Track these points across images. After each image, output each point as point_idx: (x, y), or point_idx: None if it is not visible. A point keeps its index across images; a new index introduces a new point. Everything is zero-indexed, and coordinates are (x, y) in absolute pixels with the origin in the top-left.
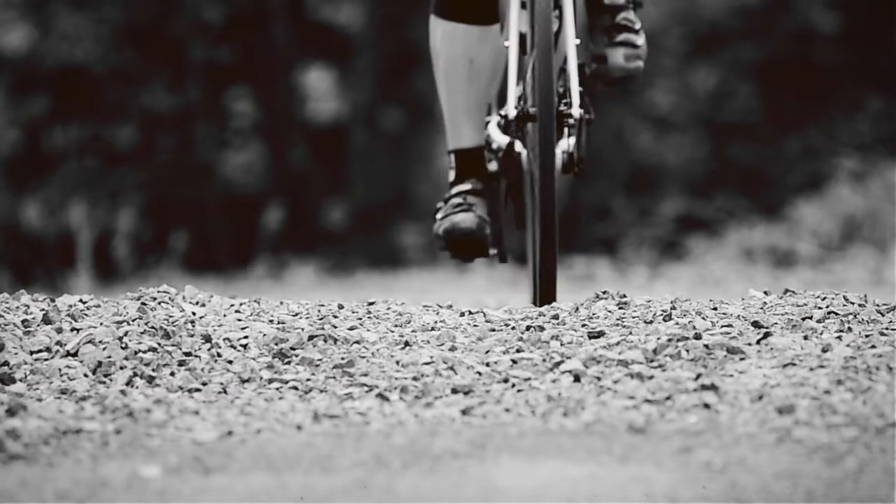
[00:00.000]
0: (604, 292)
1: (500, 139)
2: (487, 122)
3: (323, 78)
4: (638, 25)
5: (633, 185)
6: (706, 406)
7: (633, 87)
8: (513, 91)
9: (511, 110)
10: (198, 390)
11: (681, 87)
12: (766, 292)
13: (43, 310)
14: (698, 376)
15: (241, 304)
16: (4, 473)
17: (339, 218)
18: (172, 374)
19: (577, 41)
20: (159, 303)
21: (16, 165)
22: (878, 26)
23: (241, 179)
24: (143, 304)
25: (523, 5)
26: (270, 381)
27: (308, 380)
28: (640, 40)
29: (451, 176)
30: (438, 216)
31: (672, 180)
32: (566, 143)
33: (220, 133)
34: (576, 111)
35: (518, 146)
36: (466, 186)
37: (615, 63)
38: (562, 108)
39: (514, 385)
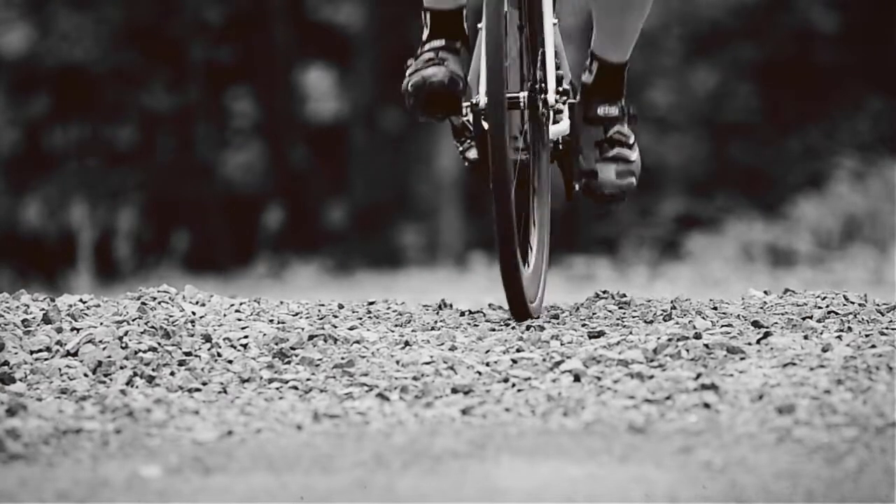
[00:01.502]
0: (604, 292)
1: (478, 97)
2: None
3: (323, 78)
4: (632, 140)
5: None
6: (706, 406)
7: (621, 206)
8: (484, 73)
9: (482, 97)
10: (198, 390)
11: (680, 87)
12: (766, 292)
13: (43, 310)
14: (698, 376)
15: (241, 304)
16: (4, 473)
17: (339, 218)
18: (172, 373)
19: (555, 21)
20: (159, 303)
21: (16, 165)
22: (878, 26)
23: (241, 179)
24: (143, 303)
25: None
26: (270, 380)
27: (308, 380)
28: (634, 156)
29: (424, 35)
30: (408, 72)
31: (672, 180)
32: (556, 130)
33: (220, 133)
34: (551, 97)
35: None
36: (439, 42)
37: (606, 180)
38: (538, 94)
39: (514, 385)
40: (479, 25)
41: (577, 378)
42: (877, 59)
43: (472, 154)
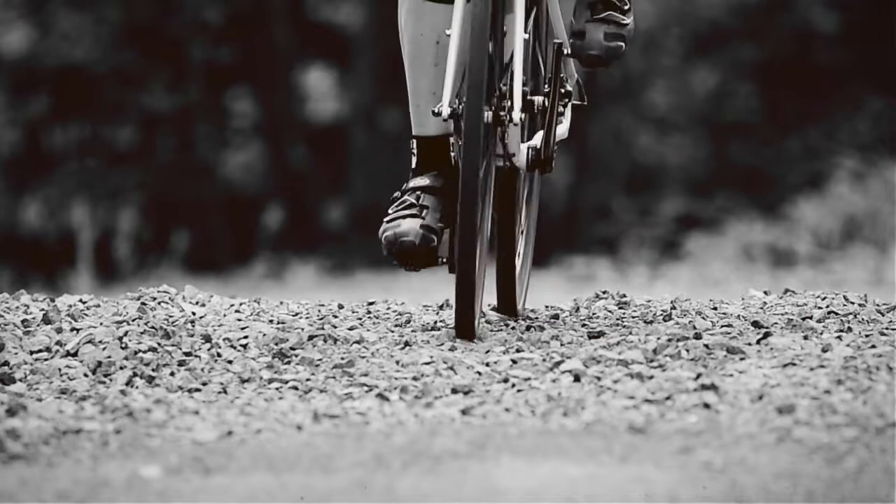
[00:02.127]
0: (604, 292)
1: (441, 108)
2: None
3: (323, 78)
4: (627, 6)
5: (633, 185)
6: (706, 406)
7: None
8: (450, 84)
9: (445, 108)
10: (198, 390)
11: (680, 87)
12: (766, 292)
13: (43, 310)
14: (698, 376)
15: (241, 304)
16: (4, 473)
17: (339, 218)
18: (172, 374)
19: (526, 35)
20: (159, 303)
21: (16, 165)
22: (878, 26)
23: (241, 179)
24: (143, 304)
25: None
26: (270, 381)
27: (308, 380)
28: (627, 20)
29: (413, 163)
30: (388, 215)
31: (672, 180)
32: (536, 138)
33: (220, 133)
34: (516, 116)
35: (454, 134)
36: (424, 182)
37: (593, 40)
38: (501, 110)
39: (514, 385)
40: (447, 32)
41: (577, 378)
42: (877, 59)
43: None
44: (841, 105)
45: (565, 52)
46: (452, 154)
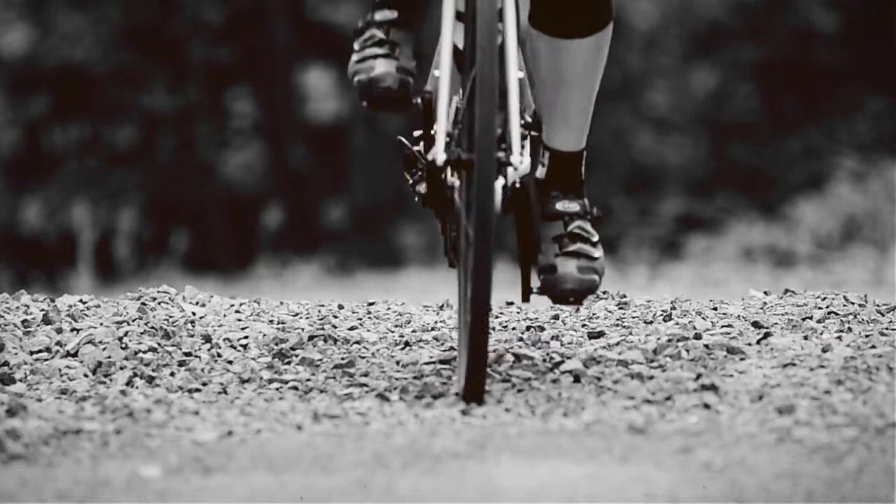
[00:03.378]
0: (604, 292)
1: (435, 154)
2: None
3: (323, 78)
4: (595, 238)
5: (633, 185)
6: (706, 406)
7: (582, 304)
8: (442, 126)
9: (440, 154)
10: (198, 390)
11: (680, 87)
12: (766, 292)
13: (43, 310)
14: (698, 376)
15: (241, 304)
16: (4, 473)
17: (339, 218)
18: (172, 374)
19: (521, 74)
20: (159, 303)
21: (16, 165)
22: (878, 26)
23: (241, 179)
24: (143, 304)
25: (459, 16)
26: (270, 381)
27: (308, 380)
28: (597, 253)
29: None
30: (355, 53)
31: (672, 180)
32: (509, 178)
33: (220, 133)
34: (516, 159)
35: (451, 177)
36: (392, 15)
37: (566, 273)
38: (499, 154)
39: (514, 385)
40: (434, 73)
41: (577, 378)
42: (877, 59)
43: (423, 188)
44: (841, 105)
45: (533, 290)
46: (455, 200)
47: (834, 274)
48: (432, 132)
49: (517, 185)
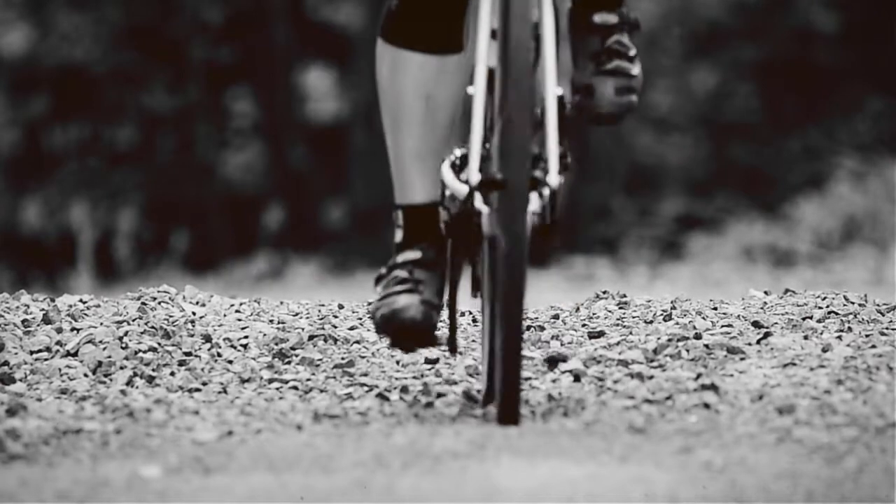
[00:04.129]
0: (604, 292)
1: (454, 186)
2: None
3: (323, 78)
4: (633, 52)
5: (633, 185)
6: (706, 406)
7: (621, 127)
8: (476, 149)
9: (474, 174)
10: (198, 390)
11: (680, 87)
12: (766, 292)
13: (43, 310)
14: (698, 376)
15: (241, 304)
16: (4, 473)
17: (339, 218)
18: (172, 374)
19: (560, 91)
20: (159, 303)
21: (16, 165)
22: (878, 26)
23: (241, 179)
24: (143, 304)
25: (493, 35)
26: (270, 381)
27: (308, 380)
28: (636, 70)
29: (398, 236)
30: (378, 292)
31: (672, 180)
32: (537, 204)
33: (220, 133)
34: (554, 180)
35: (479, 203)
36: (415, 255)
37: (604, 95)
38: (536, 173)
39: None
40: (468, 90)
41: (577, 378)
42: (877, 59)
43: (445, 215)
44: (841, 105)
45: (567, 107)
46: (443, 222)
47: (834, 274)
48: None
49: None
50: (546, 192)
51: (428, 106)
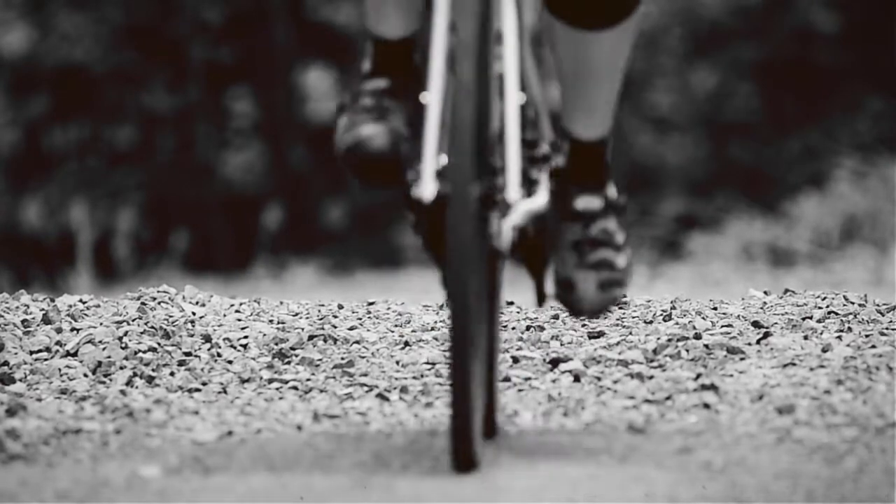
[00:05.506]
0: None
1: (421, 191)
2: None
3: (323, 78)
4: (620, 239)
5: (633, 185)
6: (706, 406)
7: (605, 316)
8: (431, 156)
9: (427, 187)
10: (198, 390)
11: (681, 86)
12: (766, 292)
13: (43, 310)
14: (698, 376)
15: (241, 304)
16: (4, 473)
17: (339, 218)
18: (172, 374)
19: (523, 97)
20: (159, 303)
21: (16, 165)
22: (878, 26)
23: (241, 179)
24: (143, 304)
25: (454, 27)
26: (270, 381)
27: (308, 380)
28: (622, 261)
29: (365, 66)
30: (342, 122)
31: (672, 180)
32: (517, 216)
33: (220, 133)
34: (512, 194)
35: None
36: (383, 83)
37: (586, 292)
38: (492, 188)
39: (514, 384)
40: (422, 96)
41: (577, 378)
42: (877, 59)
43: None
44: (841, 105)
45: (543, 298)
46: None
47: (834, 273)
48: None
49: (530, 229)
50: (521, 208)
51: None
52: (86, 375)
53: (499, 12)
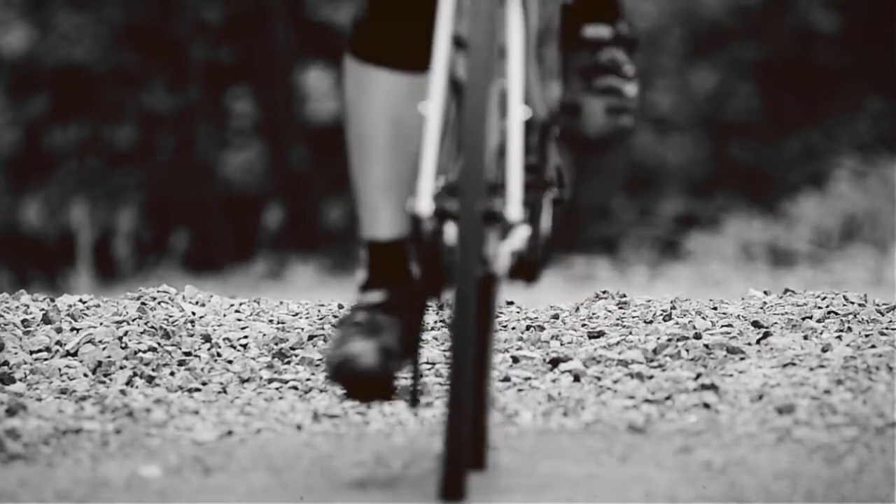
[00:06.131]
0: (604, 292)
1: (418, 204)
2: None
3: (323, 78)
4: (629, 70)
5: (633, 185)
6: (706, 406)
7: (619, 155)
8: (429, 170)
9: (423, 203)
10: (198, 390)
11: (681, 86)
12: (766, 292)
13: (43, 310)
14: (698, 376)
15: (241, 304)
16: (4, 473)
17: (339, 218)
18: (172, 373)
19: (528, 110)
20: (159, 303)
21: (16, 165)
22: (878, 26)
23: (241, 179)
24: (143, 303)
25: (458, 43)
26: (270, 380)
27: (308, 380)
28: (630, 89)
29: (360, 277)
30: (335, 336)
31: (672, 180)
32: (517, 240)
33: (220, 133)
34: (513, 212)
35: (450, 233)
36: (377, 298)
37: (592, 117)
38: (493, 204)
39: (514, 384)
40: (421, 107)
41: (576, 378)
42: (877, 59)
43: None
44: (841, 105)
45: (552, 133)
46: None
47: (834, 273)
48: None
49: (529, 252)
50: (522, 230)
51: (396, 131)
52: (86, 375)
53: (505, 27)
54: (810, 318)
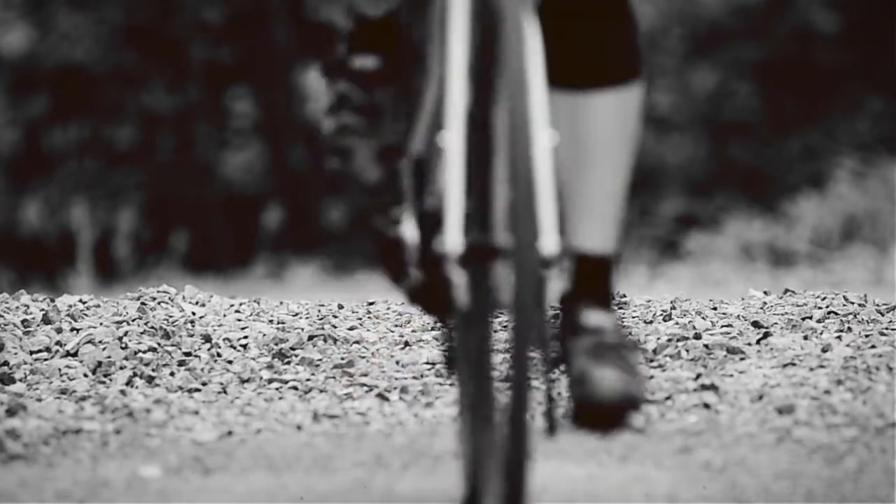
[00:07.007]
0: None
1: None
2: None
3: (323, 78)
4: (635, 354)
5: (633, 185)
6: (706, 406)
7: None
8: (456, 203)
9: (454, 239)
10: (198, 390)
11: (681, 86)
12: (765, 292)
13: (43, 310)
14: (698, 376)
15: (241, 304)
16: (4, 473)
17: (339, 218)
18: (172, 374)
19: (555, 137)
20: (159, 303)
21: (16, 165)
22: (878, 26)
23: (241, 179)
24: (143, 304)
25: (493, 63)
26: (270, 381)
27: (308, 380)
28: (640, 366)
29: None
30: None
31: (672, 180)
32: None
33: (220, 133)
34: (551, 245)
35: (457, 274)
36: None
37: (602, 381)
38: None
39: None
40: (438, 138)
41: None
42: (877, 59)
43: (415, 280)
44: (841, 105)
45: (556, 413)
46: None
47: (834, 273)
48: (425, 209)
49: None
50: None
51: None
52: (86, 375)
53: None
54: (810, 318)
